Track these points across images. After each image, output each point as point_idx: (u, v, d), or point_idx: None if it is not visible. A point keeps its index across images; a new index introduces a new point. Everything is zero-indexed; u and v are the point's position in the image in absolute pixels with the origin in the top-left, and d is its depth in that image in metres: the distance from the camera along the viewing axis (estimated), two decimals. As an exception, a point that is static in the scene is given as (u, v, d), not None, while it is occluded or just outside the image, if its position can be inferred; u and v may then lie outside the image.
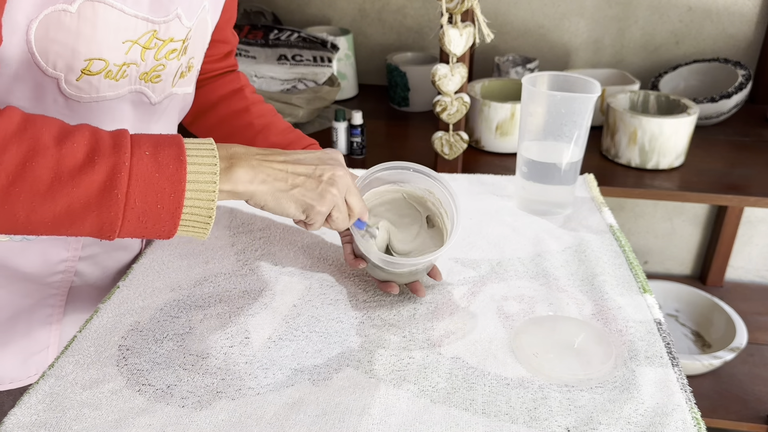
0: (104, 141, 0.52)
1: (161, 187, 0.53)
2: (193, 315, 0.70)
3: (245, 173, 0.58)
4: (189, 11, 0.68)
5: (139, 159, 0.52)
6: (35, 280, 0.73)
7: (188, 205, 0.55)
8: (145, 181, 0.52)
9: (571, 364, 0.63)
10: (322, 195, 0.62)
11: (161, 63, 0.68)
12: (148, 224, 0.54)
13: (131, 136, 0.54)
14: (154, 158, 0.53)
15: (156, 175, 0.53)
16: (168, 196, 0.53)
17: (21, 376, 0.77)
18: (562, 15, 1.72)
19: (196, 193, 0.55)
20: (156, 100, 0.71)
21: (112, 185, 0.51)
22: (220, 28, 0.81)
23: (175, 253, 0.81)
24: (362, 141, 1.44)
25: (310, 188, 0.62)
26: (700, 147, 1.47)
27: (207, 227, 0.57)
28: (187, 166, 0.54)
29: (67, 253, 0.74)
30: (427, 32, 1.80)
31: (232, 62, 0.90)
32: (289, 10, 1.84)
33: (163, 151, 0.54)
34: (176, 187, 0.53)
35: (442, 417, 0.57)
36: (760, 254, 1.87)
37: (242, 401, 0.59)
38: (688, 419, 0.57)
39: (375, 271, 0.73)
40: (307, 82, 1.56)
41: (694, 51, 1.70)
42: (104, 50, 0.61)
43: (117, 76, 0.64)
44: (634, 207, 1.86)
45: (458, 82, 1.19)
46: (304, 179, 0.62)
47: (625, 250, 0.82)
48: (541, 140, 0.88)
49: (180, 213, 0.54)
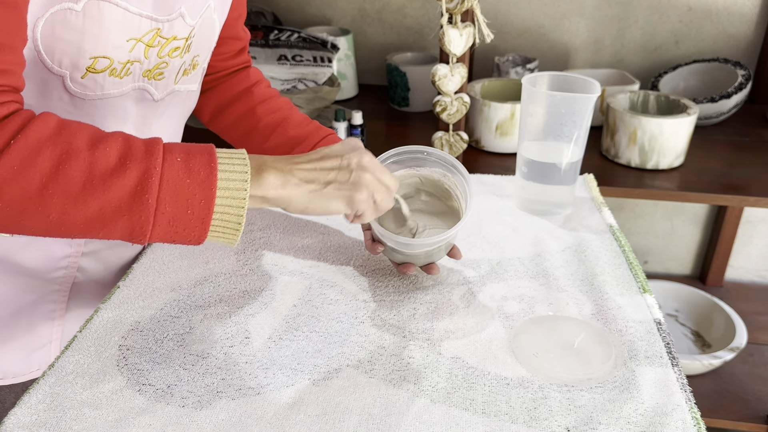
0: (137, 147, 0.53)
1: (192, 193, 0.53)
2: (194, 315, 0.70)
3: (275, 178, 0.59)
4: (192, 10, 0.68)
5: (170, 165, 0.53)
6: (38, 275, 0.73)
7: (218, 211, 0.55)
8: (176, 186, 0.53)
9: (571, 364, 0.63)
10: (356, 184, 0.62)
11: (164, 61, 0.68)
12: (179, 229, 0.54)
13: (164, 144, 0.55)
14: (186, 164, 0.54)
15: (187, 181, 0.53)
16: (198, 202, 0.54)
17: (24, 371, 0.77)
18: (562, 15, 1.72)
19: (227, 200, 0.55)
20: (159, 96, 0.72)
21: (143, 190, 0.52)
22: (229, 25, 0.82)
23: (175, 253, 0.81)
24: (362, 141, 1.44)
25: (343, 180, 0.61)
26: (699, 147, 1.47)
27: (237, 234, 0.57)
28: (218, 173, 0.54)
29: (69, 249, 0.74)
30: (427, 32, 1.80)
31: (244, 59, 0.90)
32: (289, 10, 1.84)
33: (194, 158, 0.54)
34: (207, 193, 0.54)
35: (442, 417, 0.57)
36: (760, 254, 1.87)
37: (242, 401, 0.59)
38: (688, 419, 0.57)
39: (392, 254, 0.74)
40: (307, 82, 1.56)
41: (694, 51, 1.70)
42: (109, 48, 0.61)
43: (121, 73, 0.64)
44: (634, 207, 1.86)
45: (458, 82, 1.19)
46: (336, 173, 0.61)
47: (625, 250, 0.82)
48: (541, 140, 0.88)
49: (210, 219, 0.55)
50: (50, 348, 0.78)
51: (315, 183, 0.60)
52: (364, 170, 0.62)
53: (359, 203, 0.62)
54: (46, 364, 0.79)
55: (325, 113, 1.61)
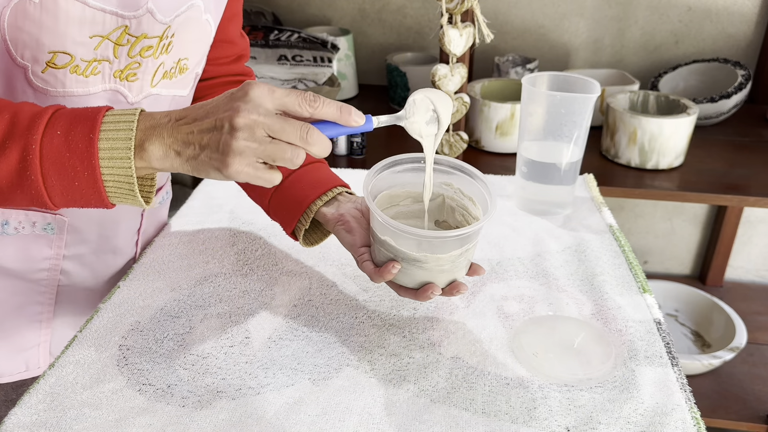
0: (21, 123, 0.53)
1: (73, 166, 0.53)
2: (194, 315, 0.70)
3: (157, 149, 0.54)
4: (163, 7, 0.65)
5: (50, 139, 0.52)
6: (19, 276, 0.73)
7: (108, 180, 0.54)
8: (57, 161, 0.52)
9: (571, 364, 0.63)
10: (225, 152, 0.52)
11: (136, 61, 0.66)
12: (76, 198, 0.54)
13: (52, 115, 0.53)
14: (66, 137, 0.53)
15: (67, 155, 0.52)
16: (82, 174, 0.53)
17: (11, 371, 0.77)
18: (562, 15, 1.72)
19: (114, 170, 0.53)
20: (133, 99, 0.69)
21: (25, 167, 0.52)
22: (221, 26, 0.79)
23: (175, 253, 0.81)
24: (362, 141, 1.44)
25: (213, 146, 0.53)
26: (699, 147, 1.47)
27: (137, 198, 0.55)
28: (99, 142, 0.53)
29: (50, 251, 0.74)
30: (427, 32, 1.80)
31: (242, 69, 0.86)
32: (289, 11, 1.84)
33: (76, 128, 0.53)
34: (88, 164, 0.53)
35: (442, 417, 0.57)
36: (760, 254, 1.87)
37: (242, 401, 0.59)
38: (688, 419, 0.57)
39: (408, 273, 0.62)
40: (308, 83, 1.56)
41: (694, 51, 1.70)
42: (68, 44, 0.60)
43: (86, 72, 0.63)
44: (633, 207, 1.86)
45: (458, 82, 1.19)
46: (209, 136, 0.53)
47: (625, 250, 0.82)
48: (540, 140, 0.88)
49: (101, 188, 0.53)
50: (38, 350, 0.78)
51: (191, 148, 0.53)
52: (234, 132, 0.52)
53: (236, 174, 0.53)
54: (34, 365, 0.78)
55: (325, 113, 1.61)
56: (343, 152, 1.46)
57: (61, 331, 0.79)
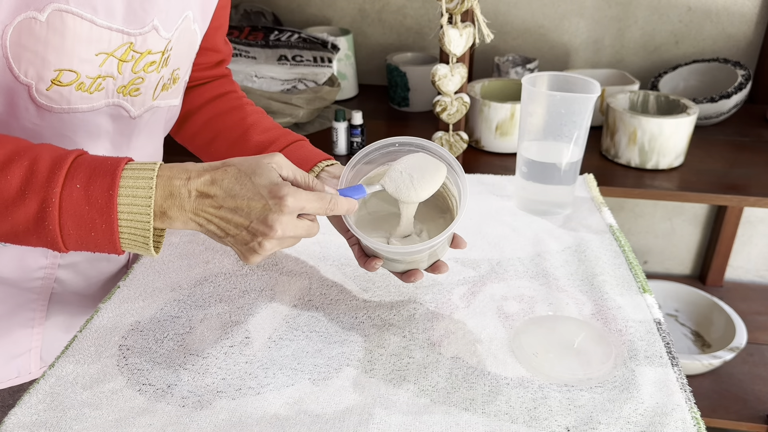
0: (40, 173, 0.53)
1: (92, 219, 0.54)
2: (194, 315, 0.70)
3: (178, 220, 0.57)
4: (167, 22, 0.66)
5: (69, 193, 0.53)
6: (13, 284, 0.73)
7: (125, 233, 0.55)
8: (76, 214, 0.53)
9: (571, 364, 0.63)
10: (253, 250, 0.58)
11: (139, 76, 0.67)
12: (90, 247, 0.55)
13: (71, 165, 0.54)
14: (85, 191, 0.53)
15: (86, 208, 0.53)
16: (100, 227, 0.54)
17: (2, 378, 0.76)
18: (562, 15, 1.72)
19: (131, 223, 0.55)
20: (136, 113, 0.70)
21: (43, 218, 0.53)
22: (208, 35, 0.79)
23: (175, 253, 0.81)
24: (362, 141, 1.44)
25: (242, 242, 0.58)
26: (699, 147, 1.47)
27: (151, 251, 0.57)
28: (119, 198, 0.54)
29: (45, 261, 0.73)
30: (427, 32, 1.80)
31: (223, 72, 0.87)
32: (289, 11, 1.84)
33: (96, 182, 0.54)
34: (107, 218, 0.54)
35: (442, 417, 0.57)
36: (760, 254, 1.87)
37: (242, 401, 0.59)
38: (688, 419, 0.57)
39: (392, 264, 0.68)
40: (308, 83, 1.56)
41: (694, 51, 1.70)
42: (75, 62, 0.60)
43: (90, 88, 0.63)
44: (633, 207, 1.86)
45: (458, 82, 1.20)
46: (237, 232, 0.57)
47: (625, 250, 0.82)
48: (540, 140, 0.88)
49: (117, 240, 0.55)
50: (30, 356, 0.78)
51: (215, 228, 0.57)
52: (263, 249, 0.57)
53: (252, 262, 0.60)
54: (26, 371, 0.78)
55: (325, 113, 1.61)
56: (343, 152, 1.46)
57: (51, 336, 0.79)
